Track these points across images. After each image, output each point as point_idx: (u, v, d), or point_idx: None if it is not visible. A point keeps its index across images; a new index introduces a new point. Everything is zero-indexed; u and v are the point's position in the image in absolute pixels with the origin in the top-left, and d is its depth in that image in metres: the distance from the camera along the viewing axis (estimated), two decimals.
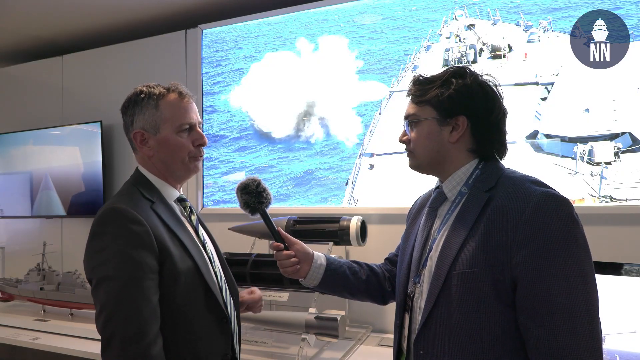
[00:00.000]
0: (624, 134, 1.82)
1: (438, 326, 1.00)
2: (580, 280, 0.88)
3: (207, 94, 2.70)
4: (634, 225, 1.81)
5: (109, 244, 1.08)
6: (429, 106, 1.07)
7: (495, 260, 0.93)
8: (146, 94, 1.21)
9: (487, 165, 1.06)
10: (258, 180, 1.23)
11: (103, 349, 1.05)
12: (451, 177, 1.08)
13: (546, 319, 0.88)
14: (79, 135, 3.03)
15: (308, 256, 1.25)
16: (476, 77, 1.07)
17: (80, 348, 2.04)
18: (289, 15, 2.49)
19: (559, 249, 0.89)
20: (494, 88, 1.07)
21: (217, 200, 2.65)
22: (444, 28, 2.16)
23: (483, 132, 1.06)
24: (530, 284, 0.90)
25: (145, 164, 1.25)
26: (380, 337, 2.10)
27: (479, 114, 1.04)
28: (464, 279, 0.97)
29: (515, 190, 0.97)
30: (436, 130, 1.07)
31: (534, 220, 0.91)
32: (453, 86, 1.04)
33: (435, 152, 1.08)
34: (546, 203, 0.91)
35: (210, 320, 1.18)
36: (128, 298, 1.04)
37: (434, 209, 1.13)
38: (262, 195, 1.22)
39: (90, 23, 2.92)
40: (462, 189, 1.06)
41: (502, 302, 0.94)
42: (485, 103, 1.05)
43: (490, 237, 0.95)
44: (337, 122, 2.38)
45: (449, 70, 1.08)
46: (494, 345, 0.94)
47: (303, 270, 1.25)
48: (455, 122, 1.05)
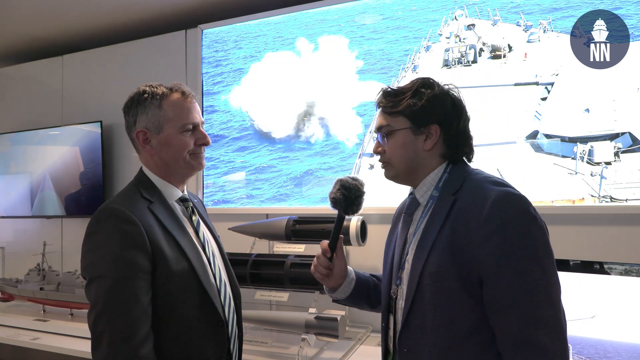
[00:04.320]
0: (624, 134, 1.82)
1: (416, 325, 1.04)
2: (540, 273, 0.92)
3: (207, 94, 2.70)
4: (634, 225, 1.81)
5: (102, 244, 1.09)
6: (402, 116, 1.11)
7: (461, 259, 0.98)
8: (149, 93, 1.21)
9: (455, 168, 1.11)
10: (363, 191, 1.21)
11: (93, 348, 1.05)
12: (422, 183, 1.13)
13: (509, 312, 0.92)
14: (79, 135, 3.03)
15: (344, 273, 1.28)
16: (442, 87, 1.12)
17: (80, 348, 2.04)
18: (289, 15, 2.49)
19: (518, 244, 0.93)
20: (458, 96, 1.13)
21: (217, 200, 2.65)
22: (444, 28, 2.16)
23: (453, 137, 1.11)
24: (493, 280, 0.95)
25: (148, 164, 1.25)
26: (380, 337, 2.09)
27: (449, 121, 1.10)
28: (434, 279, 1.01)
29: (475, 190, 1.02)
30: (411, 139, 1.11)
31: (492, 218, 0.95)
32: (424, 96, 1.09)
33: (410, 160, 1.12)
34: (502, 201, 0.96)
35: (204, 323, 1.17)
36: (118, 297, 1.05)
37: (409, 215, 1.17)
38: (354, 204, 1.20)
39: (90, 23, 2.92)
40: (433, 192, 1.10)
41: (472, 298, 0.98)
42: (454, 110, 1.11)
43: (456, 237, 0.99)
44: (337, 122, 2.38)
45: (417, 81, 1.13)
46: (469, 338, 0.98)
47: (336, 284, 1.27)
48: (428, 131, 1.10)
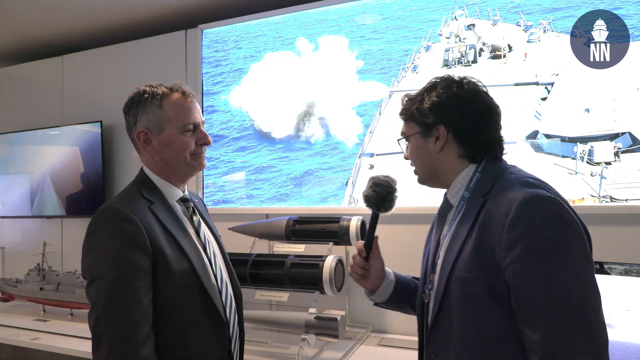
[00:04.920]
0: (624, 134, 1.82)
1: (443, 330, 1.01)
2: (572, 281, 0.85)
3: (207, 94, 2.70)
4: (634, 225, 1.81)
5: (102, 244, 1.09)
6: (412, 122, 1.12)
7: (489, 265, 0.93)
8: (149, 93, 1.21)
9: (487, 168, 1.06)
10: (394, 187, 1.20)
11: (94, 348, 1.05)
12: (452, 184, 1.10)
13: (534, 324, 0.86)
14: (79, 135, 3.03)
15: (382, 274, 1.27)
16: (449, 85, 1.08)
17: (80, 348, 2.04)
18: (289, 15, 2.49)
19: (544, 249, 0.87)
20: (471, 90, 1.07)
21: (217, 200, 2.65)
22: (444, 28, 2.16)
23: (465, 136, 1.07)
24: (518, 287, 0.89)
25: (148, 164, 1.25)
26: (380, 337, 2.10)
27: (456, 119, 1.06)
28: (461, 284, 0.97)
29: (504, 192, 0.96)
30: (422, 143, 1.11)
31: (518, 222, 0.89)
32: (427, 99, 1.08)
33: (426, 164, 1.12)
34: (529, 204, 0.90)
35: (205, 323, 1.17)
36: (118, 298, 1.04)
37: (443, 216, 1.15)
38: (386, 200, 1.19)
39: (90, 23, 2.92)
40: (464, 193, 1.06)
41: (500, 306, 0.93)
42: (462, 108, 1.06)
43: (483, 242, 0.95)
44: (337, 122, 2.38)
45: (427, 84, 1.12)
46: (496, 348, 0.93)
47: (374, 285, 1.26)
48: (436, 133, 1.08)
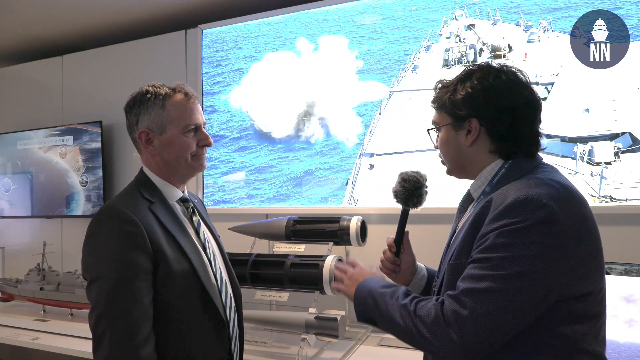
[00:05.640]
0: (624, 134, 1.82)
1: None
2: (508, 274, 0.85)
3: (207, 94, 2.70)
4: (634, 225, 1.81)
5: (102, 244, 1.09)
6: (444, 112, 1.07)
7: None
8: (152, 93, 1.21)
9: (514, 165, 1.01)
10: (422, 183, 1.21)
11: (94, 349, 1.05)
12: (477, 178, 1.07)
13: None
14: (79, 135, 3.04)
15: (413, 269, 1.26)
16: (486, 75, 1.01)
17: (80, 348, 2.04)
18: (289, 15, 2.49)
19: (500, 257, 0.87)
20: (510, 81, 1.01)
21: (217, 200, 2.65)
22: (444, 28, 2.16)
23: (499, 132, 1.01)
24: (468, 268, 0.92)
25: (149, 164, 1.25)
26: (380, 337, 2.09)
27: (490, 114, 1.00)
28: (450, 270, 0.99)
29: (505, 190, 0.94)
30: (452, 135, 1.06)
31: (498, 218, 0.89)
32: (461, 89, 1.03)
33: (455, 157, 1.09)
34: (517, 205, 0.88)
35: (205, 323, 1.17)
36: (118, 298, 1.05)
37: (464, 208, 1.14)
38: (415, 196, 1.20)
39: (90, 23, 2.92)
40: (486, 188, 1.03)
41: None
42: (498, 101, 1.00)
43: (475, 232, 0.95)
44: (337, 122, 2.38)
45: (463, 72, 1.06)
46: None
47: (405, 280, 1.26)
48: (469, 126, 1.03)
